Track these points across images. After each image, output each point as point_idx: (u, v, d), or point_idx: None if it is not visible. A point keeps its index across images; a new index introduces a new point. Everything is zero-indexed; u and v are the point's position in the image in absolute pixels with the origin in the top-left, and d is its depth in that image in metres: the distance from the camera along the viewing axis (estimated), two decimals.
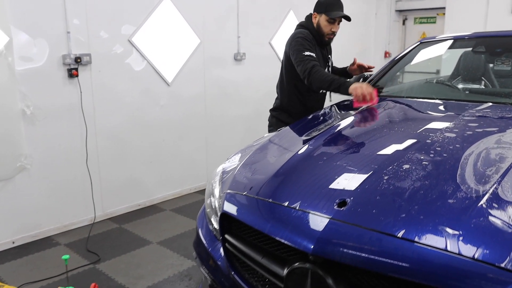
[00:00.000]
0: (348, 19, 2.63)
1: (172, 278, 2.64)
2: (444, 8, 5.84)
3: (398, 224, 1.16)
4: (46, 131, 3.07)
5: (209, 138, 4.27)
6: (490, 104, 2.13)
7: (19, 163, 2.94)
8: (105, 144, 3.44)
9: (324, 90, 2.63)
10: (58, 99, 3.10)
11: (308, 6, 2.98)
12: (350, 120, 2.11)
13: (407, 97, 2.47)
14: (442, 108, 2.22)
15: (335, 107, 2.45)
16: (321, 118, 2.30)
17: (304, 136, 1.97)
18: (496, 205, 1.18)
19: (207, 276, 1.68)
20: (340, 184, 1.39)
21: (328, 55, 2.82)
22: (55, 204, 3.21)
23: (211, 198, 1.78)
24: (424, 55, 2.88)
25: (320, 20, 2.63)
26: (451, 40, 2.88)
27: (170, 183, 4.00)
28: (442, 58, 3.30)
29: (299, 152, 1.73)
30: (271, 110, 2.94)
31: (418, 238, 1.10)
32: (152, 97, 3.71)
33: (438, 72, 3.65)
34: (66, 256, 2.20)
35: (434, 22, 6.31)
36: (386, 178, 1.36)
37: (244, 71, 4.48)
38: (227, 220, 1.58)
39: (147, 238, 3.19)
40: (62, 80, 3.11)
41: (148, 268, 2.77)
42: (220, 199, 1.67)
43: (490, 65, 2.68)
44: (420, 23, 6.49)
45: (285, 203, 1.39)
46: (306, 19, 2.74)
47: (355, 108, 2.27)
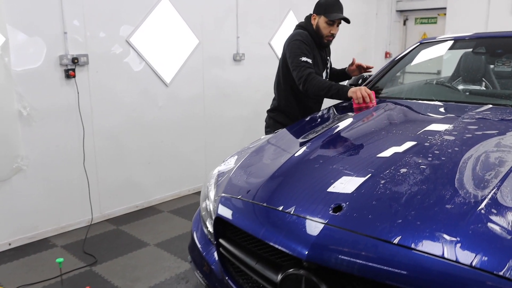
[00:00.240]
0: (347, 21, 2.60)
1: (169, 281, 2.62)
2: (445, 8, 5.81)
3: (395, 230, 1.13)
4: (43, 132, 3.05)
5: (208, 139, 4.24)
6: (490, 106, 2.09)
7: (15, 164, 2.92)
8: (102, 145, 3.42)
9: (322, 97, 2.60)
10: (55, 100, 3.08)
11: (308, 6, 2.96)
12: (348, 122, 2.08)
13: (407, 98, 2.44)
14: (442, 110, 2.19)
15: (333, 108, 2.42)
16: (318, 120, 2.27)
17: (301, 139, 1.94)
18: (495, 211, 1.15)
19: (201, 281, 1.65)
20: (336, 188, 1.36)
21: (327, 57, 2.79)
22: (52, 206, 3.19)
23: (206, 201, 1.76)
24: (424, 55, 2.85)
25: (319, 21, 2.60)
26: (451, 41, 2.85)
27: (168, 184, 3.97)
28: (443, 58, 3.27)
29: (295, 155, 1.70)
30: (268, 111, 2.91)
31: (414, 245, 1.08)
32: (150, 97, 3.68)
33: (439, 72, 3.62)
34: (60, 259, 2.18)
35: (435, 23, 6.28)
36: (383, 182, 1.34)
37: (243, 71, 4.45)
38: (221, 224, 1.55)
39: (144, 240, 3.17)
40: (59, 81, 3.09)
41: (145, 270, 2.74)
42: (215, 202, 1.65)
43: (491, 66, 2.65)
44: (421, 23, 6.46)
45: (279, 208, 1.36)
46: (305, 20, 2.71)
47: (353, 110, 2.25)
